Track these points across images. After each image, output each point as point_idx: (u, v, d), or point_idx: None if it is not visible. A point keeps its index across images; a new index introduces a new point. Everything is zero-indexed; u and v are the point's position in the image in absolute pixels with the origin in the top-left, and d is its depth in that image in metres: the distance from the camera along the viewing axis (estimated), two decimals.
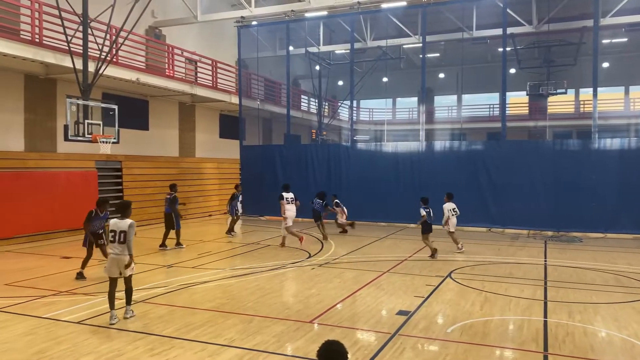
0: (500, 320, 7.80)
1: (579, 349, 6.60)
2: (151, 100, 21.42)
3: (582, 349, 6.60)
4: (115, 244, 7.50)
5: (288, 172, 21.71)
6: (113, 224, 7.55)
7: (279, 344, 6.64)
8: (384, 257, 13.21)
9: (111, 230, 7.55)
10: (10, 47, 13.77)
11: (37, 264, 11.99)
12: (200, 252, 13.82)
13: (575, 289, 9.82)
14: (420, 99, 24.83)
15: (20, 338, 6.81)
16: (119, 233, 7.47)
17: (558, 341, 6.85)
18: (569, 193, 17.30)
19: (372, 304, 8.62)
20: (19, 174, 15.09)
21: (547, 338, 6.96)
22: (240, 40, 22.89)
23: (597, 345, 6.83)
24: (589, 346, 6.72)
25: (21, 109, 16.07)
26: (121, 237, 7.46)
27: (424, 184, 19.15)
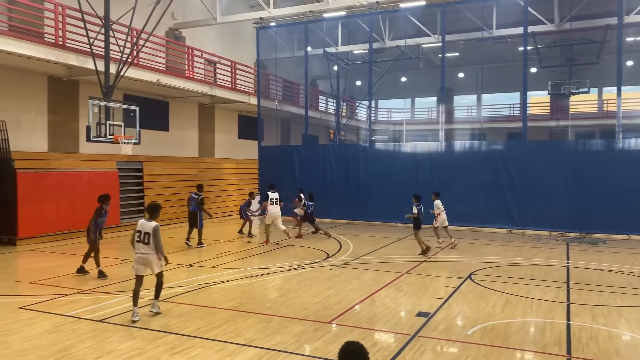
0: (521, 323, 7.70)
1: (603, 352, 6.48)
2: (171, 101, 21.65)
3: (606, 352, 6.48)
4: (140, 244, 7.71)
5: (306, 173, 21.75)
6: (140, 224, 7.77)
7: (298, 344, 6.65)
8: (403, 258, 13.14)
9: (137, 230, 7.76)
10: (35, 50, 14.04)
11: (60, 263, 12.19)
12: (220, 251, 13.92)
13: (598, 291, 9.64)
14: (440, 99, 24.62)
15: (45, 335, 6.94)
16: (144, 234, 7.69)
17: (581, 344, 6.73)
18: (592, 194, 17.00)
19: (392, 305, 8.58)
20: (42, 174, 15.37)
21: (570, 341, 6.85)
22: (258, 42, 22.99)
23: (622, 349, 6.70)
24: (614, 350, 6.60)
25: (45, 110, 16.38)
26: (146, 238, 7.67)
27: (444, 184, 18.97)
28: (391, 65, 27.05)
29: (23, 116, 15.66)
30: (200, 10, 21.75)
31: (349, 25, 26.72)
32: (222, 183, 24.05)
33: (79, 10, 14.25)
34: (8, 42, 13.33)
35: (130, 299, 8.02)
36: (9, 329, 7.21)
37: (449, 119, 32.79)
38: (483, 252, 14.09)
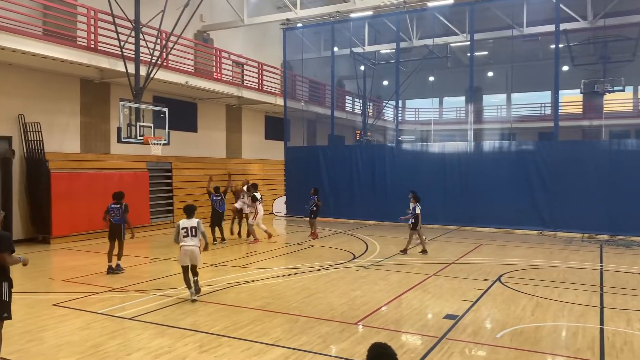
0: (552, 327, 7.52)
1: (638, 358, 6.28)
2: (199, 102, 21.93)
3: None
4: (188, 237, 8.76)
5: (332, 173, 21.74)
6: (183, 223, 8.87)
7: (325, 345, 6.64)
8: (431, 259, 13.01)
9: (183, 228, 8.81)
10: (68, 53, 14.41)
11: (91, 261, 12.47)
12: (247, 251, 14.02)
13: (634, 295, 9.35)
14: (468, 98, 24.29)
15: (77, 332, 7.10)
16: (191, 228, 8.79)
17: (615, 350, 6.54)
18: (626, 195, 16.50)
19: (419, 307, 8.50)
20: (75, 174, 15.76)
21: (604, 346, 6.66)
22: (285, 43, 23.09)
23: None
24: None
25: (77, 112, 16.79)
26: (193, 231, 8.79)
27: (472, 184, 18.77)
28: (419, 64, 26.82)
29: (57, 118, 16.08)
30: (228, 12, 21.97)
31: (376, 25, 26.59)
32: None
33: (111, 14, 14.55)
34: (43, 46, 13.71)
35: (160, 297, 8.25)
36: (43, 325, 7.40)
37: (477, 118, 32.32)
38: (513, 254, 13.84)
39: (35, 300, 8.71)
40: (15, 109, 14.93)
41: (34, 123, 14.96)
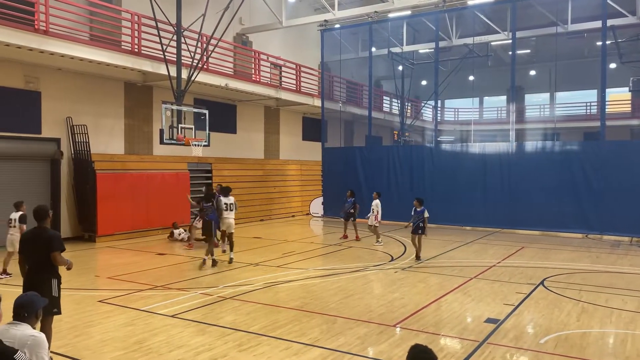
0: (599, 333, 7.26)
1: None
2: (239, 104, 22.24)
3: None
4: (227, 211, 12.37)
5: (369, 174, 21.63)
6: (223, 200, 12.40)
7: (363, 346, 6.62)
8: (471, 262, 12.77)
9: (224, 204, 12.37)
10: (113, 58, 14.88)
11: (135, 260, 12.82)
12: (284, 251, 14.12)
13: None
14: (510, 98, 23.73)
15: (121, 328, 7.31)
16: (230, 204, 12.47)
17: None
18: None
19: (459, 311, 8.35)
20: (119, 175, 16.24)
21: None
22: (323, 44, 23.13)
23: None
24: None
25: (122, 114, 17.31)
26: (231, 207, 12.45)
27: (514, 186, 18.33)
28: (458, 64, 26.39)
29: (102, 120, 16.62)
30: (267, 15, 22.19)
31: (414, 25, 26.33)
32: (286, 184, 24.41)
33: (153, 19, 14.93)
34: (89, 50, 14.20)
35: (201, 295, 8.48)
36: (90, 320, 7.66)
37: (519, 118, 31.53)
38: (556, 258, 13.43)
39: (82, 297, 9.02)
40: (64, 112, 15.52)
41: (81, 125, 15.51)
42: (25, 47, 12.86)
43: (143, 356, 6.23)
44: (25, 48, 12.91)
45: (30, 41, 12.78)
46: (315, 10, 25.05)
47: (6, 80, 14.17)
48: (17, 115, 14.40)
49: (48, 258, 5.86)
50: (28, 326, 3.75)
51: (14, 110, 14.32)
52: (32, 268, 5.94)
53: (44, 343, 3.70)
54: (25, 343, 3.57)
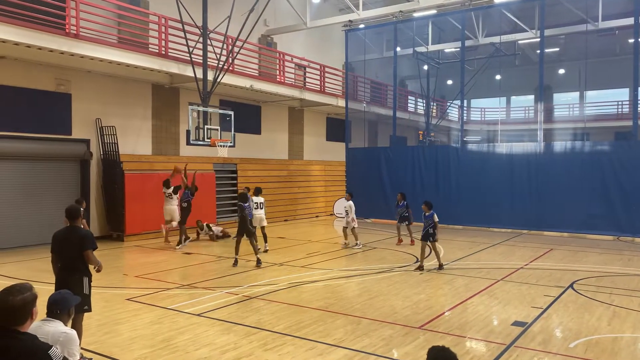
0: (632, 338, 7.07)
1: None
2: (263, 105, 22.38)
3: None
4: (258, 210, 13.71)
5: (393, 175, 21.51)
6: (255, 199, 13.80)
7: (388, 348, 6.58)
8: (498, 264, 12.59)
9: (255, 202, 13.67)
10: (141, 60, 15.14)
11: (162, 259, 13.01)
12: (309, 251, 14.15)
13: None
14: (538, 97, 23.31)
15: (149, 326, 7.43)
16: (259, 203, 13.86)
17: None
18: None
19: (485, 313, 8.24)
20: (147, 175, 16.51)
21: None
22: (347, 44, 23.10)
23: None
24: None
25: (149, 116, 17.60)
26: (260, 205, 13.86)
27: (542, 187, 17.99)
28: (485, 63, 26.05)
29: (130, 121, 16.93)
30: (291, 16, 22.28)
31: (440, 24, 26.07)
32: (310, 184, 24.45)
33: (180, 21, 15.14)
34: (118, 53, 14.49)
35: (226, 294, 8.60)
36: (119, 318, 7.81)
37: (548, 118, 30.95)
38: (586, 260, 13.14)
39: (111, 295, 9.20)
40: (93, 114, 15.86)
41: (110, 126, 15.82)
42: (57, 51, 13.19)
43: (170, 354, 6.32)
44: (56, 51, 13.25)
45: (62, 44, 13.10)
46: (339, 11, 25.04)
47: (38, 83, 14.56)
48: (49, 116, 14.78)
49: (80, 256, 6.00)
50: (60, 323, 3.85)
51: (46, 112, 14.70)
52: (64, 266, 6.08)
53: (75, 339, 3.79)
54: (58, 339, 3.66)
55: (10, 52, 13.32)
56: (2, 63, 13.74)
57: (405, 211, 15.78)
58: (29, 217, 14.47)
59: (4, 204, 14.01)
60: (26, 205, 14.44)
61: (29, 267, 11.67)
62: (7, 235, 13.97)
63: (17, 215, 14.25)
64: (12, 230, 14.05)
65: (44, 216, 14.54)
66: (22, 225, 14.33)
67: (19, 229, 14.22)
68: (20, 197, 14.37)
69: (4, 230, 13.87)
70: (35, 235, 14.27)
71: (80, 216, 6.27)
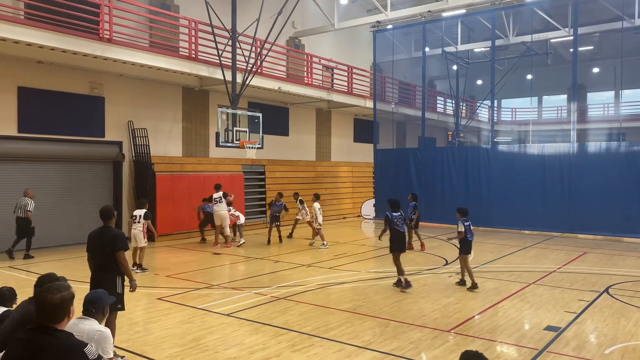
0: None
1: None
2: (291, 107, 22.48)
3: None
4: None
5: (423, 176, 21.31)
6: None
7: (417, 351, 6.53)
8: (529, 267, 12.34)
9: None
10: (171, 63, 15.40)
11: (192, 259, 13.20)
12: (337, 253, 14.14)
13: None
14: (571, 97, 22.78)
15: (179, 325, 7.54)
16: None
17: None
18: None
19: (516, 317, 8.09)
20: (177, 176, 16.78)
21: None
22: (375, 45, 23.01)
23: None
24: None
25: (180, 118, 17.89)
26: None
27: (575, 188, 17.55)
28: (516, 62, 25.59)
29: (161, 124, 17.23)
30: (319, 18, 22.33)
31: (469, 23, 25.75)
32: (337, 186, 24.44)
33: (210, 25, 15.34)
34: (149, 57, 14.76)
35: (255, 295, 8.56)
36: (150, 317, 7.95)
37: (581, 118, 30.21)
38: (623, 265, 12.76)
39: (143, 294, 9.37)
40: (125, 116, 16.20)
41: (141, 129, 16.13)
42: (91, 55, 13.52)
43: (200, 353, 6.40)
44: (90, 56, 13.57)
45: (95, 49, 13.42)
46: (367, 12, 24.97)
47: (73, 87, 14.95)
48: (83, 119, 15.17)
49: (113, 256, 6.13)
50: (95, 321, 3.94)
51: (80, 115, 15.09)
52: (98, 265, 6.24)
53: (109, 338, 3.88)
54: (93, 337, 3.75)
55: (47, 57, 13.73)
56: (40, 68, 14.18)
57: (412, 212, 14.71)
58: (63, 217, 14.87)
59: (40, 204, 14.42)
60: (61, 205, 14.85)
61: (64, 265, 11.99)
62: (43, 234, 14.36)
63: (52, 216, 14.66)
64: (47, 229, 14.44)
65: (78, 216, 14.92)
66: (57, 225, 14.74)
67: (54, 229, 14.63)
68: (56, 198, 14.78)
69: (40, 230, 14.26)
70: (69, 235, 14.66)
71: (113, 217, 6.41)
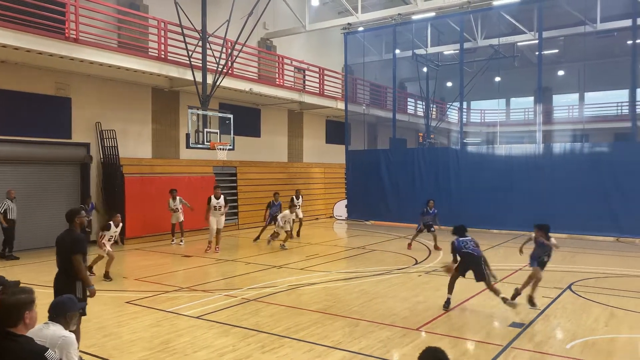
0: (628, 339, 7.10)
1: None
2: (263, 108, 22.44)
3: None
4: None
5: (394, 177, 21.55)
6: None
7: (385, 349, 6.61)
8: (497, 266, 12.57)
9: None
10: (140, 64, 15.20)
11: (162, 262, 13.05)
12: (308, 254, 14.18)
13: None
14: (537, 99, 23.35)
15: (148, 329, 7.46)
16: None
17: None
18: None
19: (483, 314, 8.27)
20: (147, 178, 16.56)
21: None
22: (346, 47, 23.16)
23: None
24: None
25: (149, 119, 17.66)
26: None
27: (542, 188, 17.99)
28: (484, 65, 26.11)
29: (130, 125, 16.98)
30: (290, 19, 22.35)
31: (439, 26, 26.16)
32: (310, 187, 24.48)
33: (179, 25, 15.21)
34: (117, 57, 14.55)
35: (225, 297, 8.49)
36: (119, 321, 7.84)
37: (547, 119, 30.98)
38: (586, 262, 13.16)
39: (111, 298, 9.24)
40: (93, 117, 15.91)
41: (110, 130, 15.87)
42: (57, 55, 13.25)
43: (169, 356, 6.35)
44: (56, 56, 13.30)
45: (61, 49, 13.16)
46: (338, 14, 25.07)
47: (39, 87, 14.62)
48: (49, 120, 14.84)
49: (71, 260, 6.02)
50: (60, 327, 3.88)
51: (46, 116, 14.76)
52: (60, 268, 6.13)
53: (74, 343, 3.83)
54: (56, 343, 3.70)
55: (11, 57, 13.40)
56: (3, 67, 13.82)
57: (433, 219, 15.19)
58: (29, 221, 14.49)
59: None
60: (27, 209, 14.45)
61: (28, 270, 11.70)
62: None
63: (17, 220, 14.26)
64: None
65: (45, 220, 14.58)
66: (21, 229, 14.35)
67: (18, 233, 14.23)
68: (21, 201, 14.38)
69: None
70: (35, 239, 14.31)
71: (76, 219, 6.29)
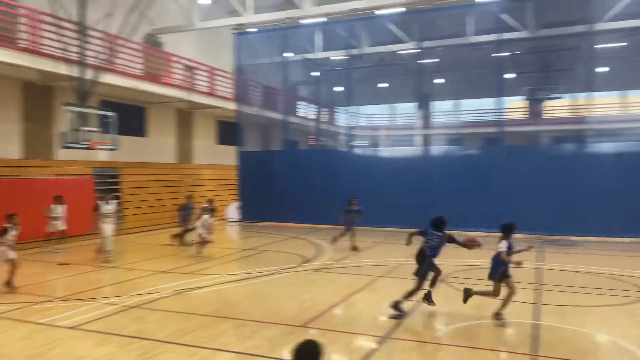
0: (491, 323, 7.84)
1: (574, 351, 6.64)
2: (149, 107, 21.51)
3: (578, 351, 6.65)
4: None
5: (285, 178, 21.79)
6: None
7: (272, 348, 6.69)
8: (380, 261, 13.25)
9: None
10: (8, 56, 13.87)
11: (35, 271, 12.00)
12: (198, 257, 13.85)
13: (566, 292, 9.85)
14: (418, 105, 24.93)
15: (17, 342, 6.88)
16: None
17: (550, 345, 6.89)
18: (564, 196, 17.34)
19: (366, 308, 8.67)
20: (17, 181, 15.14)
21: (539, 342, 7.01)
22: (237, 47, 22.99)
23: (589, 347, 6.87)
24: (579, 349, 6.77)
25: (19, 116, 16.16)
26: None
27: (422, 188, 19.18)
28: (370, 71, 27.27)
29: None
30: (179, 16, 21.70)
31: (328, 32, 26.88)
32: (201, 189, 23.90)
33: (53, 15, 14.10)
34: None
35: (104, 305, 8.05)
36: None
37: (427, 124, 33.12)
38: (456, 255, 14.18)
39: None
40: None
41: None
42: None
43: None
44: None
45: None
46: (229, 13, 24.81)
47: None
48: None
49: None
50: None
51: None
52: None
53: None
54: None
55: None
56: None
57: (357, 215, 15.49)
58: None
59: None
60: None
61: None
62: None
63: None
64: None
65: None
66: None
67: None
68: None
69: None
70: None
71: None
